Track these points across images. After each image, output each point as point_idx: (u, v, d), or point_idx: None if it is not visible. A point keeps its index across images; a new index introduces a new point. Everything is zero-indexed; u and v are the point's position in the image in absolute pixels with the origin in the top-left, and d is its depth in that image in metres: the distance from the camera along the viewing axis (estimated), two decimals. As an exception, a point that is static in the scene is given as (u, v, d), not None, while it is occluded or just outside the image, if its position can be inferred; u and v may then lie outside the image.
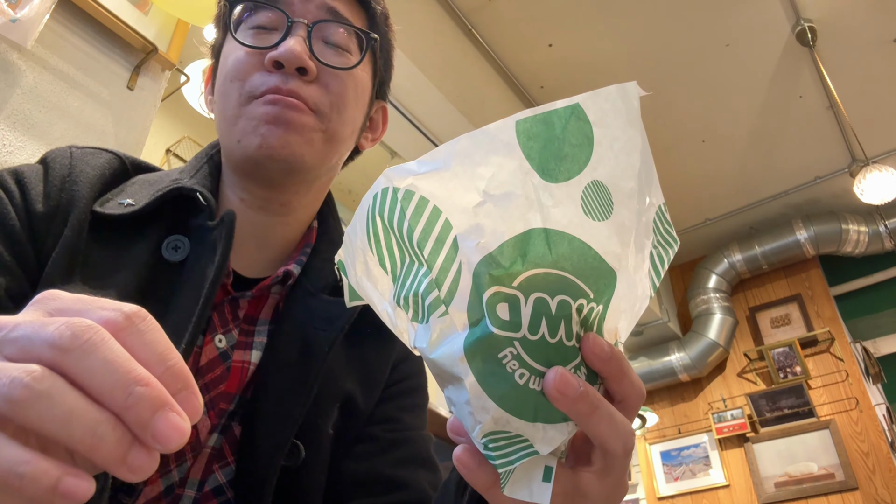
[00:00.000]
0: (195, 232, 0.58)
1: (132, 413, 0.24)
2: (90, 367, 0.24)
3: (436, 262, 0.32)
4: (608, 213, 0.34)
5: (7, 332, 0.26)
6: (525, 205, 0.32)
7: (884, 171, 3.40)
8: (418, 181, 0.32)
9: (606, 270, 0.33)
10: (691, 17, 3.23)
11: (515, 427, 0.31)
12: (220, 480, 0.55)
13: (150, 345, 0.26)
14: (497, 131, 0.32)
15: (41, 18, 1.54)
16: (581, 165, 0.33)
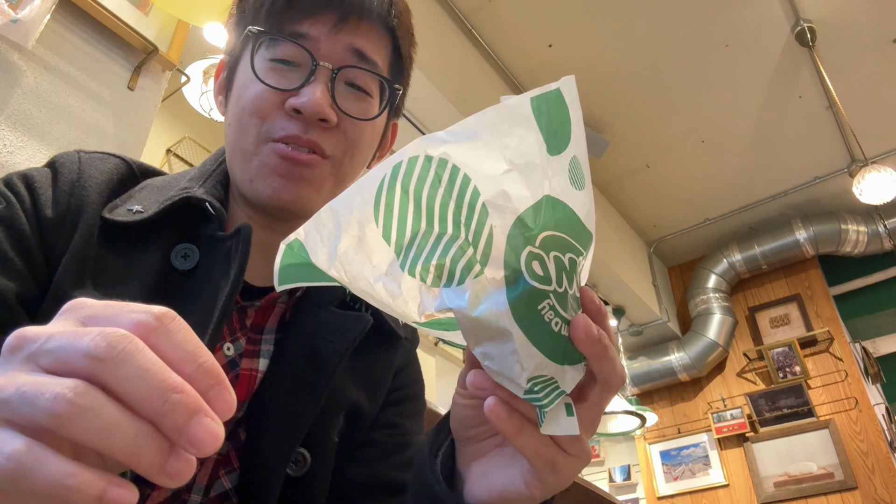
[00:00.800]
0: (205, 241, 0.58)
1: (169, 419, 0.25)
2: (126, 375, 0.25)
3: (470, 227, 0.35)
4: (583, 184, 0.38)
5: (41, 343, 0.26)
6: (541, 174, 0.35)
7: (883, 172, 3.40)
8: (450, 149, 0.34)
9: (587, 233, 0.38)
10: (691, 17, 3.23)
11: (550, 370, 0.36)
12: (226, 486, 0.55)
13: (180, 344, 0.27)
14: (516, 106, 0.35)
15: (42, 19, 1.54)
16: (566, 141, 0.37)
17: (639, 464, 4.67)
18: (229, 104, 0.63)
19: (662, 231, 4.81)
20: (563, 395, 0.37)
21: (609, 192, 4.42)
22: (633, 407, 3.54)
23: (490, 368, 0.37)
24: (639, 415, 3.52)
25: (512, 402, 0.37)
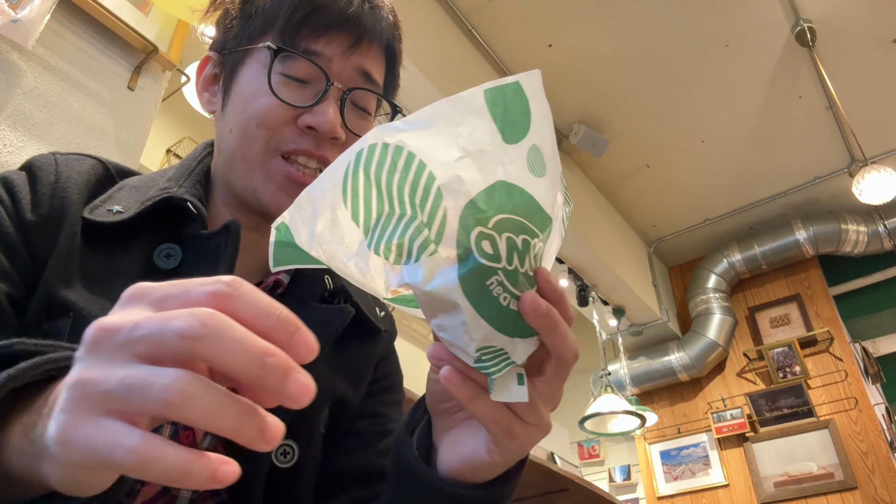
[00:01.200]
0: (188, 241, 0.59)
1: (268, 382, 0.27)
2: (224, 349, 0.27)
3: (424, 209, 0.37)
4: (544, 172, 0.40)
5: (128, 332, 0.27)
6: (493, 160, 0.38)
7: (882, 172, 3.40)
8: (406, 137, 0.37)
9: (546, 217, 0.40)
10: (691, 18, 3.23)
11: (500, 341, 0.38)
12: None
13: (255, 304, 0.29)
14: (470, 97, 0.37)
15: (42, 19, 1.54)
16: (525, 131, 0.39)
17: (639, 464, 4.67)
18: (229, 108, 0.63)
19: (662, 231, 4.81)
20: (513, 365, 0.39)
21: (609, 192, 4.42)
22: (632, 407, 3.54)
23: (444, 339, 0.40)
24: (639, 415, 3.52)
25: (466, 371, 0.40)
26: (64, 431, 0.26)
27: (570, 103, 3.74)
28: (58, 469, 0.28)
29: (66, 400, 0.27)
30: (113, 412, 0.26)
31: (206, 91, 0.68)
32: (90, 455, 0.26)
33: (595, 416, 3.49)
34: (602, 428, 3.72)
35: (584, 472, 5.05)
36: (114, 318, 0.28)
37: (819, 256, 4.51)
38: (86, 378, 0.27)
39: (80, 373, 0.27)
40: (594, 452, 5.23)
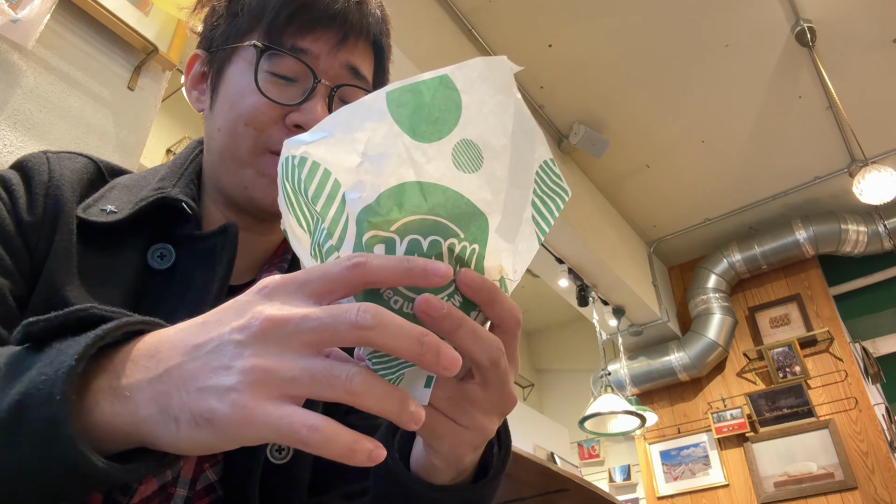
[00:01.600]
0: (183, 241, 0.59)
1: (426, 357, 0.32)
2: (390, 335, 0.31)
3: (328, 215, 0.38)
4: (478, 166, 0.39)
5: (297, 323, 0.31)
6: (397, 162, 0.37)
7: (883, 172, 3.40)
8: (310, 149, 0.38)
9: (477, 214, 0.39)
10: (691, 18, 3.23)
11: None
12: (211, 479, 0.56)
13: (389, 269, 0.33)
14: (371, 101, 0.38)
15: (42, 19, 1.54)
16: (451, 127, 0.38)
17: (639, 464, 4.68)
18: (217, 107, 0.64)
19: (662, 231, 4.81)
20: (408, 367, 0.38)
21: (609, 192, 4.42)
22: (632, 407, 3.54)
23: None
24: (639, 415, 3.52)
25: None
26: (244, 410, 0.30)
27: (570, 103, 3.74)
28: (207, 437, 0.31)
29: (241, 383, 0.30)
30: (287, 397, 0.31)
31: (195, 89, 0.68)
32: (271, 432, 0.30)
33: (595, 416, 3.49)
34: (602, 428, 3.72)
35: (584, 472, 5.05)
36: (279, 312, 0.32)
37: (819, 256, 4.51)
38: (263, 365, 0.31)
39: (253, 360, 0.31)
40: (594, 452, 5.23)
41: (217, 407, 0.30)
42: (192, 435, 0.31)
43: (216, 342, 0.32)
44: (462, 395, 0.40)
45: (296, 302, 0.33)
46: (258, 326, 0.32)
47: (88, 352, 0.33)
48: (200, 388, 0.31)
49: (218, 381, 0.31)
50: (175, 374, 0.32)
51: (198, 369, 0.32)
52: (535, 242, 0.43)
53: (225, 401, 0.30)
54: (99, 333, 0.33)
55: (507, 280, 0.42)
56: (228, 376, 0.31)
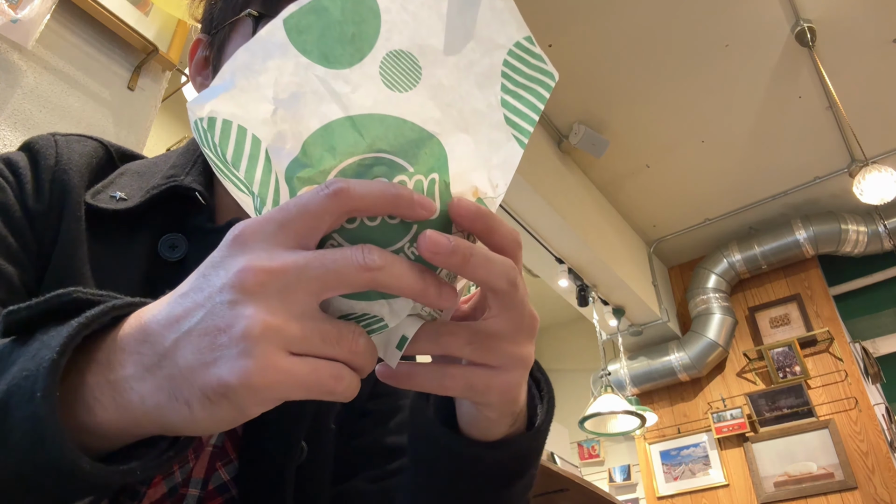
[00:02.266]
0: (195, 232, 0.57)
1: (429, 292, 0.32)
2: (398, 273, 0.31)
3: (254, 179, 0.33)
4: (416, 80, 0.33)
5: (298, 271, 0.29)
6: (315, 100, 0.32)
7: (883, 172, 3.40)
8: (216, 105, 0.32)
9: (426, 137, 0.33)
10: (691, 17, 3.23)
11: (361, 308, 0.33)
12: (224, 478, 0.55)
13: (370, 194, 0.31)
14: (268, 35, 0.32)
15: (42, 19, 1.54)
16: (372, 41, 0.32)
17: (639, 464, 4.68)
18: None
19: (662, 231, 4.81)
20: (390, 328, 0.34)
21: (609, 192, 4.42)
22: (632, 407, 3.54)
23: None
24: (639, 415, 3.52)
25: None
26: (262, 374, 0.28)
27: (570, 103, 3.74)
28: (227, 411, 0.29)
29: (247, 348, 0.28)
30: (300, 353, 0.30)
31: (199, 75, 0.65)
32: (298, 389, 0.29)
33: (595, 417, 3.49)
34: (602, 428, 3.72)
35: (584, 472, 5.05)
36: (269, 261, 0.29)
37: (819, 256, 4.51)
38: (270, 322, 0.29)
39: (256, 318, 0.28)
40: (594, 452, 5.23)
41: (228, 379, 0.28)
42: (208, 414, 0.29)
43: (205, 309, 0.29)
44: (483, 335, 0.37)
45: (279, 247, 0.30)
46: (253, 280, 0.29)
47: (72, 343, 0.31)
48: (204, 362, 0.29)
49: (217, 352, 0.29)
50: (173, 355, 0.30)
51: (195, 344, 0.29)
52: (516, 147, 0.37)
53: (235, 371, 0.28)
54: (82, 321, 0.31)
55: (488, 199, 0.36)
56: (231, 344, 0.28)
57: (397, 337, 0.36)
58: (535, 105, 0.37)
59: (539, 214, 3.57)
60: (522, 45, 0.37)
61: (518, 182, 3.33)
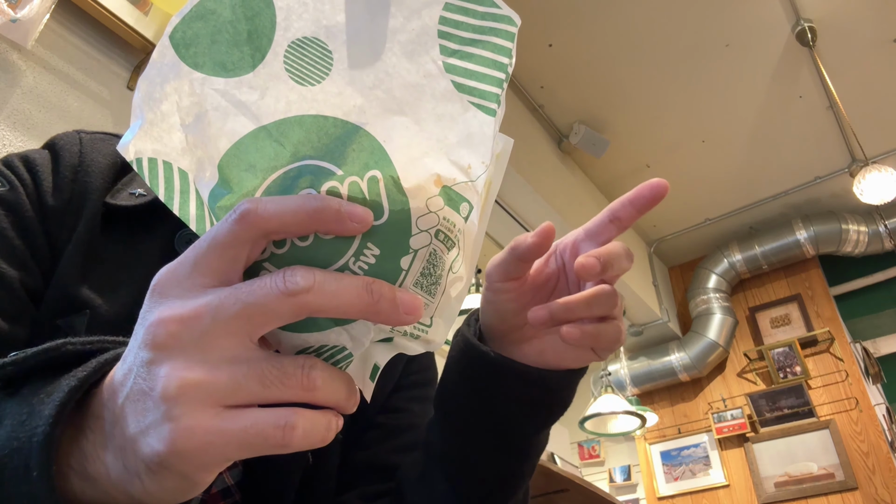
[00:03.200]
0: None
1: (381, 307, 0.27)
2: (333, 291, 0.26)
3: (189, 215, 0.30)
4: (328, 67, 0.29)
5: (213, 312, 0.26)
6: (219, 117, 0.28)
7: (883, 171, 3.40)
8: (137, 145, 0.30)
9: (351, 131, 0.28)
10: (691, 17, 3.23)
11: (315, 340, 0.29)
12: (228, 482, 0.54)
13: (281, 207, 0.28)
14: (160, 57, 0.29)
15: (41, 18, 1.54)
16: (268, 36, 0.28)
17: (639, 464, 4.67)
18: None
19: (663, 231, 4.81)
20: (352, 358, 0.30)
21: (609, 192, 4.42)
22: (633, 407, 3.54)
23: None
24: (639, 415, 3.52)
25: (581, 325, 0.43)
26: (191, 440, 0.25)
27: (570, 103, 3.74)
28: (173, 482, 0.27)
29: (169, 411, 0.25)
30: (231, 405, 0.26)
31: None
32: (239, 448, 0.26)
33: (595, 417, 3.49)
34: (602, 428, 3.72)
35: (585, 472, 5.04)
36: (181, 308, 0.26)
37: (820, 256, 4.51)
38: (189, 379, 0.25)
39: (173, 376, 0.25)
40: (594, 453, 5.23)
41: (158, 448, 0.25)
42: (159, 486, 0.27)
43: (132, 372, 0.27)
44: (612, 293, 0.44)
45: (196, 289, 0.27)
46: (164, 333, 0.26)
47: (65, 411, 0.28)
48: (137, 432, 0.26)
49: (146, 418, 0.26)
50: (121, 423, 0.27)
51: (127, 412, 0.27)
52: (481, 116, 0.30)
53: (162, 438, 0.25)
54: (74, 384, 0.29)
55: (459, 185, 0.30)
56: (154, 408, 0.26)
57: (369, 367, 0.32)
58: (496, 60, 0.31)
59: (539, 214, 3.57)
60: None
61: (518, 182, 3.33)
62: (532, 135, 3.71)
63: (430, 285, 0.30)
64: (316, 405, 0.28)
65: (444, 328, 0.33)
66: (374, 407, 0.64)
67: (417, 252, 0.29)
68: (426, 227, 0.29)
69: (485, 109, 0.30)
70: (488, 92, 0.31)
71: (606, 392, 3.54)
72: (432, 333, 0.33)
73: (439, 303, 0.31)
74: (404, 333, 0.31)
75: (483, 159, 0.30)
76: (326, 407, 0.28)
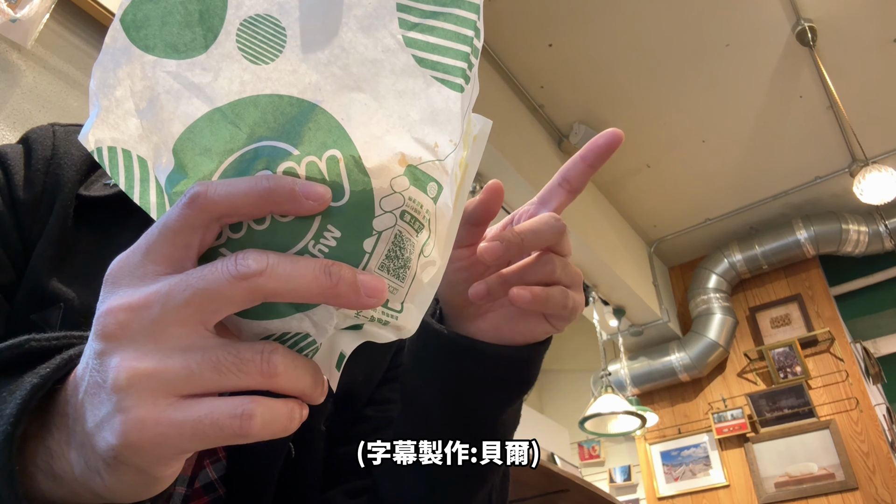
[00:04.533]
0: None
1: (341, 289, 0.26)
2: (288, 274, 0.25)
3: (149, 203, 0.29)
4: (282, 44, 0.27)
5: (162, 299, 0.25)
6: (171, 100, 0.27)
7: (884, 171, 3.40)
8: (96, 134, 0.29)
9: (307, 109, 0.27)
10: (692, 17, 3.23)
11: (277, 327, 0.28)
12: (211, 476, 0.54)
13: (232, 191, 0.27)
14: (112, 42, 0.28)
15: (41, 18, 1.54)
16: (220, 14, 0.28)
17: (639, 464, 4.67)
18: None
19: (663, 231, 4.80)
20: (316, 346, 0.30)
21: (609, 192, 4.42)
22: (633, 407, 3.54)
23: None
24: (639, 415, 3.52)
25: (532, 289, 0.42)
26: (142, 431, 0.24)
27: (570, 103, 3.74)
28: (131, 477, 0.26)
29: (121, 402, 0.25)
30: (186, 395, 0.25)
31: None
32: (194, 439, 0.25)
33: (595, 417, 3.49)
34: (602, 428, 3.72)
35: (585, 472, 5.04)
36: (130, 297, 0.26)
37: (820, 256, 4.50)
38: (139, 369, 0.25)
39: (123, 366, 0.25)
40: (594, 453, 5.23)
41: (111, 441, 0.25)
42: (118, 481, 0.27)
43: (87, 366, 0.26)
44: (564, 262, 0.43)
45: (147, 277, 0.26)
46: (113, 323, 0.25)
47: (26, 409, 0.28)
48: (93, 426, 0.26)
49: (101, 411, 0.25)
50: (81, 418, 0.27)
51: (85, 406, 0.26)
52: (446, 92, 0.29)
53: (114, 431, 0.25)
54: (37, 382, 0.28)
55: (426, 164, 0.28)
56: (108, 400, 0.25)
57: (335, 356, 0.31)
58: (459, 33, 0.29)
59: (539, 214, 3.56)
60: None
61: (518, 182, 3.33)
62: (532, 135, 3.72)
63: (398, 269, 0.29)
64: (279, 393, 0.27)
65: (416, 314, 0.32)
66: (362, 400, 0.63)
67: (381, 234, 0.28)
68: (390, 208, 0.28)
69: (450, 84, 0.29)
70: (452, 66, 0.29)
71: (606, 392, 3.54)
72: (403, 319, 0.32)
73: (410, 287, 0.30)
74: (372, 319, 0.30)
75: (451, 137, 0.29)
76: (290, 396, 0.27)
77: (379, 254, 0.28)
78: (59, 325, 0.48)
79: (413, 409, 0.51)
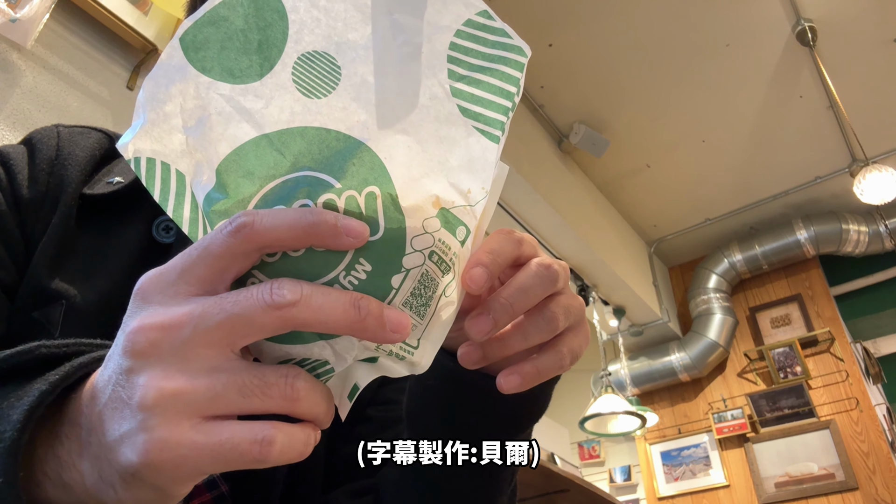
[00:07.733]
0: None
1: (368, 323, 0.27)
2: (320, 305, 0.26)
3: (183, 218, 0.30)
4: (336, 81, 0.29)
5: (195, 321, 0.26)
6: (221, 122, 0.28)
7: (884, 171, 3.40)
8: (136, 144, 0.30)
9: (354, 146, 0.28)
10: (692, 17, 3.23)
11: (298, 352, 0.29)
12: (214, 473, 0.55)
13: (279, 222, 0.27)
14: (168, 59, 0.29)
15: (41, 18, 1.54)
16: (280, 46, 0.29)
17: (639, 464, 4.67)
18: None
19: (663, 231, 4.80)
20: (333, 374, 0.30)
21: (609, 192, 4.42)
22: (633, 407, 3.54)
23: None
24: (639, 415, 3.52)
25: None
26: (164, 452, 0.25)
27: (570, 103, 3.74)
28: (146, 493, 0.27)
29: (145, 420, 0.25)
30: (214, 418, 0.26)
31: None
32: (214, 462, 0.25)
33: (595, 417, 3.48)
34: (602, 428, 3.72)
35: (585, 472, 5.04)
36: (162, 316, 0.26)
37: (820, 256, 4.50)
38: (167, 389, 0.25)
39: (151, 385, 0.25)
40: (594, 453, 5.22)
41: (132, 458, 0.25)
42: (133, 497, 0.27)
43: (111, 380, 0.26)
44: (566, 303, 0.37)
45: (179, 296, 0.27)
46: (144, 341, 0.26)
47: (33, 415, 0.28)
48: (113, 441, 0.26)
49: (122, 426, 0.25)
50: (98, 431, 0.27)
51: (105, 419, 0.26)
52: (484, 142, 0.31)
53: (136, 448, 0.25)
54: (45, 388, 0.28)
55: (458, 208, 0.30)
56: (131, 417, 0.25)
57: (349, 386, 0.32)
58: (503, 89, 0.32)
59: (539, 214, 3.57)
60: (476, 22, 0.32)
61: (518, 182, 3.33)
62: (532, 135, 3.71)
63: (420, 306, 0.30)
64: (295, 418, 0.27)
65: (430, 351, 0.33)
66: (364, 401, 0.63)
67: (409, 271, 0.29)
68: (420, 248, 0.29)
69: (489, 136, 0.31)
70: (493, 119, 0.31)
71: (606, 392, 3.54)
72: (418, 356, 0.32)
73: (428, 325, 0.31)
74: (389, 353, 0.31)
75: (483, 185, 0.31)
76: (305, 420, 0.28)
77: (405, 290, 0.29)
78: (60, 323, 0.48)
79: (419, 434, 0.50)
